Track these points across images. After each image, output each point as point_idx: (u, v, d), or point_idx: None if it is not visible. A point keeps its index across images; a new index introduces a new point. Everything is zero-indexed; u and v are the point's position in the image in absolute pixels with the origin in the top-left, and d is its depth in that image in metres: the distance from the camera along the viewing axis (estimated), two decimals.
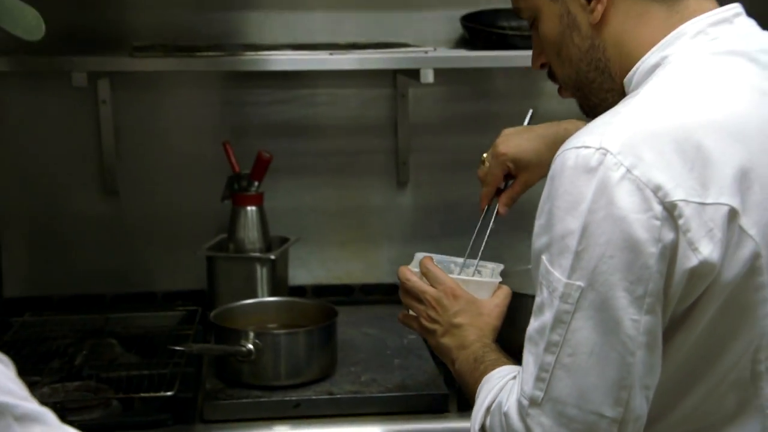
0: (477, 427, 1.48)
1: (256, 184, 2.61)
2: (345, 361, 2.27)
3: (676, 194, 1.24)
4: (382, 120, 2.79)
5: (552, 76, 1.59)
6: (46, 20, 2.59)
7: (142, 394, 2.11)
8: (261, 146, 2.62)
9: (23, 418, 1.12)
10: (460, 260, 1.92)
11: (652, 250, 1.25)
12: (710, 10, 1.41)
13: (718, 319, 1.31)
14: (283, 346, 2.16)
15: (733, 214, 1.26)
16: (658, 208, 1.25)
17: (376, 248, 2.30)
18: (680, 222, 1.25)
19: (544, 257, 1.34)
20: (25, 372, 1.17)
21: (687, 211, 1.24)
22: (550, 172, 1.34)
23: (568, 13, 1.48)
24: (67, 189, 2.78)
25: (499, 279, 1.84)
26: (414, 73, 2.48)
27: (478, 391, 1.53)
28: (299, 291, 2.73)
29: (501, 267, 1.90)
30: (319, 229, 2.73)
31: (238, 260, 2.60)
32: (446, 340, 1.73)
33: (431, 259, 1.82)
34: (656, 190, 1.25)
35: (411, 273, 1.81)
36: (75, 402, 2.05)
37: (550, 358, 1.33)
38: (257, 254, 2.59)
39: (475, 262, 1.91)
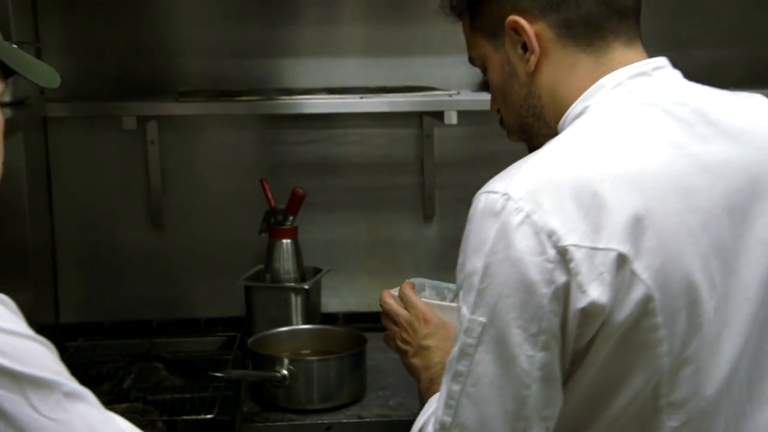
0: None
1: (291, 218, 2.61)
2: (374, 385, 2.27)
3: (568, 239, 1.24)
4: (409, 158, 2.79)
5: (502, 121, 1.59)
6: (99, 72, 2.64)
7: (185, 417, 2.11)
8: (296, 183, 2.61)
9: (70, 394, 1.14)
10: (453, 286, 1.91)
11: (545, 291, 1.25)
12: (635, 62, 1.40)
13: (615, 355, 1.29)
14: (315, 371, 2.16)
15: (622, 259, 1.24)
16: (551, 252, 1.25)
17: (404, 278, 2.29)
18: (571, 265, 1.24)
19: (460, 293, 1.34)
20: None
21: (578, 255, 1.24)
22: (469, 215, 1.34)
23: (508, 62, 1.48)
24: (118, 223, 2.79)
25: None
26: (439, 115, 2.52)
27: (422, 411, 1.55)
28: (331, 318, 2.73)
29: None
30: (350, 260, 2.73)
31: (275, 289, 2.60)
32: (415, 361, 1.74)
33: (412, 284, 1.84)
34: (550, 234, 1.24)
35: (390, 296, 1.83)
36: None
37: (456, 387, 1.33)
38: (292, 284, 2.58)
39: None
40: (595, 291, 1.24)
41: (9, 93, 1.96)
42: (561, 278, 1.25)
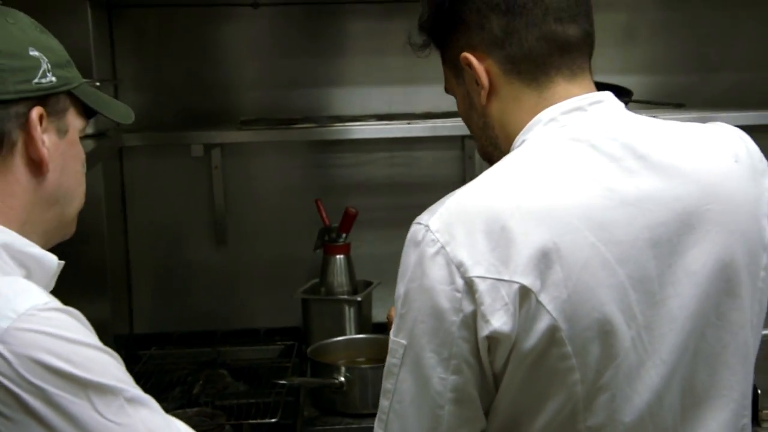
0: None
1: (344, 235, 2.61)
2: None
3: (474, 271, 1.21)
4: (452, 178, 2.77)
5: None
6: (169, 105, 2.66)
7: (251, 421, 2.13)
8: (347, 203, 2.62)
9: (132, 400, 1.14)
10: None
11: (454, 318, 1.23)
12: (576, 95, 1.36)
13: (530, 381, 1.27)
14: (370, 378, 2.14)
15: (525, 291, 1.21)
16: (459, 282, 1.22)
17: None
18: (476, 296, 1.22)
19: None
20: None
21: (482, 286, 1.21)
22: None
23: (468, 95, 1.44)
24: (185, 241, 2.81)
25: None
26: None
27: None
28: (381, 327, 2.70)
29: None
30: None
31: (329, 302, 2.60)
32: None
33: None
34: (459, 265, 1.22)
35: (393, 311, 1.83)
36: (194, 427, 2.05)
37: (386, 403, 1.31)
38: (345, 296, 2.58)
39: None
40: (497, 321, 1.22)
41: (91, 126, 1.99)
42: (468, 307, 1.23)
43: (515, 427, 1.30)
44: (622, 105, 1.39)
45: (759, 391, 2.11)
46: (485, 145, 1.47)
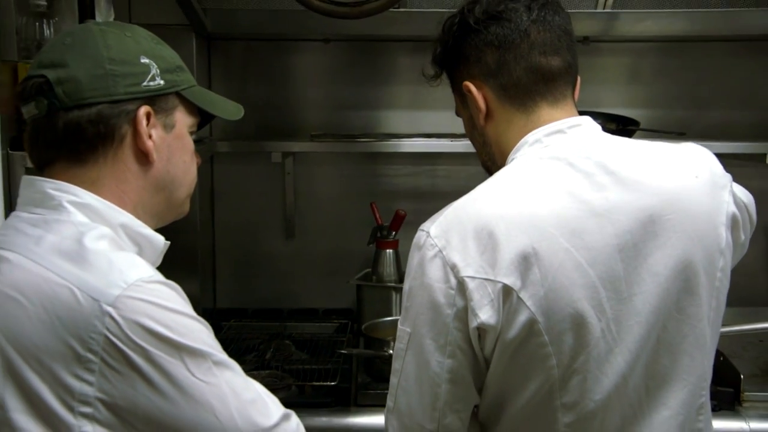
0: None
1: (394, 233, 2.62)
2: None
3: (466, 272, 1.22)
4: None
5: None
6: (252, 120, 2.67)
7: (313, 383, 2.13)
8: (397, 206, 2.62)
9: (219, 363, 1.15)
10: None
11: (448, 311, 1.24)
12: (558, 119, 1.36)
13: (513, 365, 1.26)
14: None
15: (508, 289, 1.22)
16: (453, 281, 1.23)
17: None
18: (467, 293, 1.22)
19: None
20: None
21: (471, 285, 1.22)
22: None
23: (471, 117, 1.44)
24: (261, 233, 2.81)
25: None
26: None
27: None
28: None
29: None
30: None
31: (379, 288, 2.59)
32: None
33: None
34: (453, 267, 1.23)
35: None
36: (267, 386, 2.03)
37: (395, 380, 1.33)
38: (393, 284, 2.58)
39: None
40: (485, 314, 1.22)
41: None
42: (460, 302, 1.24)
43: (502, 402, 1.31)
44: (598, 127, 1.40)
45: (742, 376, 2.08)
46: (485, 160, 1.48)
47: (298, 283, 2.81)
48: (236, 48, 2.73)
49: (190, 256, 2.52)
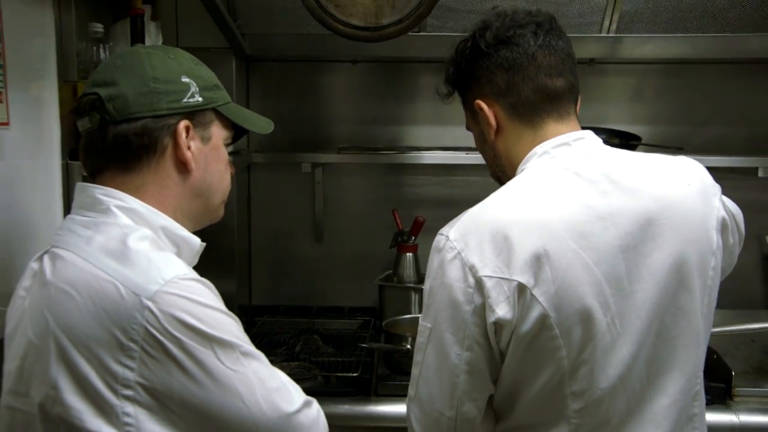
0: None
1: (413, 238, 2.60)
2: None
3: (483, 271, 1.23)
4: None
5: None
6: (285, 133, 2.69)
7: (338, 374, 2.13)
8: (417, 213, 2.60)
9: (247, 354, 1.16)
10: None
11: (467, 308, 1.25)
12: (563, 134, 1.37)
13: (527, 356, 1.26)
14: None
15: (522, 287, 1.23)
16: (471, 280, 1.24)
17: None
18: (485, 291, 1.23)
19: None
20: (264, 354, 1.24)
21: (489, 283, 1.23)
22: None
23: (482, 132, 1.45)
24: (292, 237, 2.81)
25: None
26: None
27: None
28: None
29: None
30: None
31: (399, 288, 2.58)
32: None
33: None
34: (471, 267, 1.24)
35: None
36: (295, 375, 2.03)
37: (416, 371, 1.34)
38: (412, 285, 2.56)
39: None
40: (501, 310, 1.23)
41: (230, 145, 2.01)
42: (478, 300, 1.24)
43: (516, 391, 1.32)
44: (599, 140, 1.42)
45: (733, 373, 2.07)
46: (495, 171, 1.49)
47: (326, 282, 2.81)
48: (272, 68, 2.73)
49: (228, 257, 2.53)
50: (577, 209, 1.27)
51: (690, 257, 1.31)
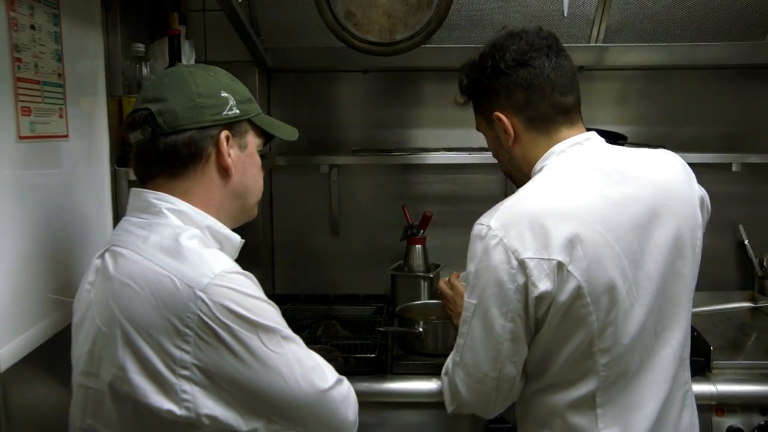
0: (442, 373, 1.56)
1: (422, 231, 2.60)
2: None
3: (525, 254, 1.32)
4: (496, 194, 2.74)
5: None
6: (306, 136, 2.71)
7: (356, 355, 2.13)
8: (425, 209, 2.62)
9: (286, 337, 1.22)
10: None
11: (510, 286, 1.33)
12: (575, 136, 1.46)
13: (562, 323, 1.36)
14: (439, 329, 2.14)
15: (560, 265, 1.32)
16: (515, 262, 1.32)
17: None
18: (527, 270, 1.32)
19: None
20: None
21: (531, 264, 1.32)
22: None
23: (497, 137, 1.54)
24: (311, 231, 2.82)
25: None
26: None
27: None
28: None
29: None
30: (458, 259, 2.64)
31: (410, 277, 2.57)
32: (456, 322, 1.75)
33: (457, 274, 1.90)
34: (514, 251, 1.32)
35: (443, 282, 1.89)
36: None
37: (461, 341, 1.42)
38: (421, 274, 2.56)
39: None
40: (543, 285, 1.32)
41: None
42: (521, 279, 1.33)
43: (550, 354, 1.40)
44: (603, 140, 1.51)
45: (712, 348, 2.09)
46: (510, 170, 1.58)
47: (342, 273, 2.81)
48: (291, 79, 2.73)
49: (253, 251, 2.53)
50: (596, 197, 1.37)
51: (684, 232, 1.43)
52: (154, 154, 1.27)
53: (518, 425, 1.54)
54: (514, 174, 1.56)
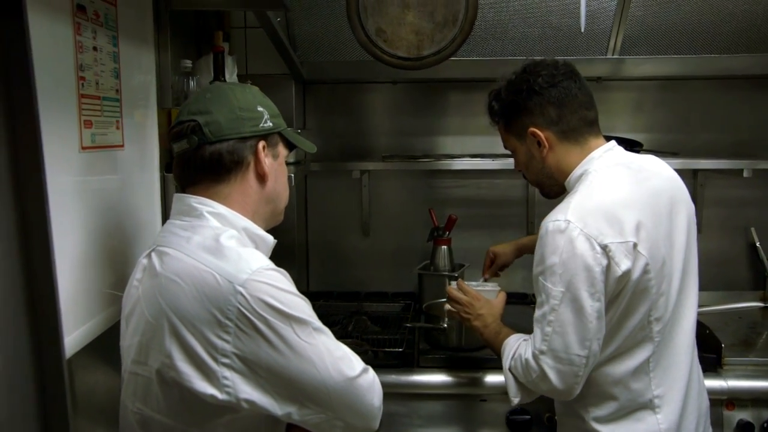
0: (506, 367, 1.60)
1: (447, 233, 2.59)
2: None
3: (605, 240, 1.43)
4: (520, 198, 2.78)
5: (525, 176, 1.73)
6: (336, 145, 2.71)
7: (385, 349, 2.14)
8: (450, 211, 2.61)
9: (318, 329, 1.24)
10: (475, 283, 2.02)
11: (597, 269, 1.43)
12: (601, 146, 1.59)
13: (632, 298, 1.47)
14: (464, 325, 2.03)
15: (635, 246, 1.44)
16: (598, 248, 1.43)
17: (514, 271, 2.31)
18: (610, 254, 1.43)
19: (540, 278, 1.48)
20: None
21: (612, 247, 1.43)
22: (540, 234, 1.50)
23: (529, 151, 1.64)
24: (343, 232, 2.83)
25: (499, 288, 1.94)
26: None
27: (502, 349, 1.65)
28: None
29: (496, 284, 2.01)
30: (481, 258, 2.63)
31: (436, 276, 2.56)
32: (476, 323, 1.82)
33: (461, 280, 1.93)
34: (596, 238, 1.43)
35: (453, 289, 1.90)
36: None
37: (549, 329, 1.47)
38: (447, 273, 2.55)
39: (483, 283, 2.06)
40: (624, 265, 1.44)
41: (292, 156, 2.07)
42: (604, 261, 1.43)
43: (618, 326, 1.51)
44: (621, 147, 1.65)
45: (723, 345, 2.08)
46: (541, 178, 1.67)
47: (372, 271, 2.82)
48: (325, 90, 2.76)
49: (289, 251, 2.55)
50: (640, 189, 1.52)
51: (691, 215, 1.59)
52: (200, 162, 1.31)
53: (573, 403, 1.57)
54: (545, 182, 1.66)
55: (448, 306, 1.93)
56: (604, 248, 1.43)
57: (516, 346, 1.60)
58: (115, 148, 1.61)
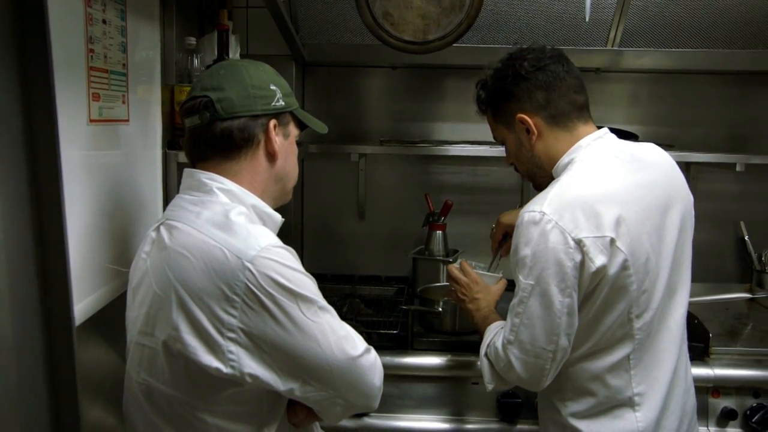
0: (482, 353, 1.59)
1: (443, 218, 2.61)
2: None
3: (580, 234, 1.38)
4: (513, 186, 2.78)
5: (516, 168, 1.69)
6: (337, 128, 2.72)
7: (379, 331, 2.16)
8: (446, 197, 2.63)
9: (323, 308, 1.24)
10: (482, 265, 1.97)
11: (569, 264, 1.39)
12: (591, 133, 1.54)
13: (609, 294, 1.42)
14: (458, 310, 2.15)
15: (612, 241, 1.39)
16: (571, 242, 1.38)
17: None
18: (584, 249, 1.38)
19: (515, 269, 1.46)
20: None
21: (587, 242, 1.38)
22: (516, 224, 1.46)
23: (518, 139, 1.59)
24: (339, 215, 2.84)
25: (501, 275, 1.88)
26: None
27: (485, 334, 1.63)
28: None
29: (501, 273, 1.91)
30: (475, 245, 2.64)
31: (430, 261, 2.57)
32: (469, 306, 1.80)
33: (466, 262, 1.89)
34: (570, 232, 1.38)
35: (454, 268, 1.88)
36: None
37: (517, 320, 1.45)
38: (441, 258, 2.56)
39: (489, 271, 1.95)
40: (599, 261, 1.39)
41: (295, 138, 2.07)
42: (578, 257, 1.38)
43: (595, 323, 1.47)
44: (614, 135, 1.58)
45: (710, 335, 2.12)
46: (531, 168, 1.62)
47: (367, 255, 2.83)
48: (324, 73, 2.75)
49: (284, 233, 2.39)
50: (626, 182, 1.46)
51: (686, 209, 1.54)
52: (211, 138, 1.31)
53: (551, 395, 1.56)
54: (535, 172, 1.61)
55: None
56: (578, 242, 1.37)
57: (494, 333, 1.59)
58: (121, 123, 1.61)
